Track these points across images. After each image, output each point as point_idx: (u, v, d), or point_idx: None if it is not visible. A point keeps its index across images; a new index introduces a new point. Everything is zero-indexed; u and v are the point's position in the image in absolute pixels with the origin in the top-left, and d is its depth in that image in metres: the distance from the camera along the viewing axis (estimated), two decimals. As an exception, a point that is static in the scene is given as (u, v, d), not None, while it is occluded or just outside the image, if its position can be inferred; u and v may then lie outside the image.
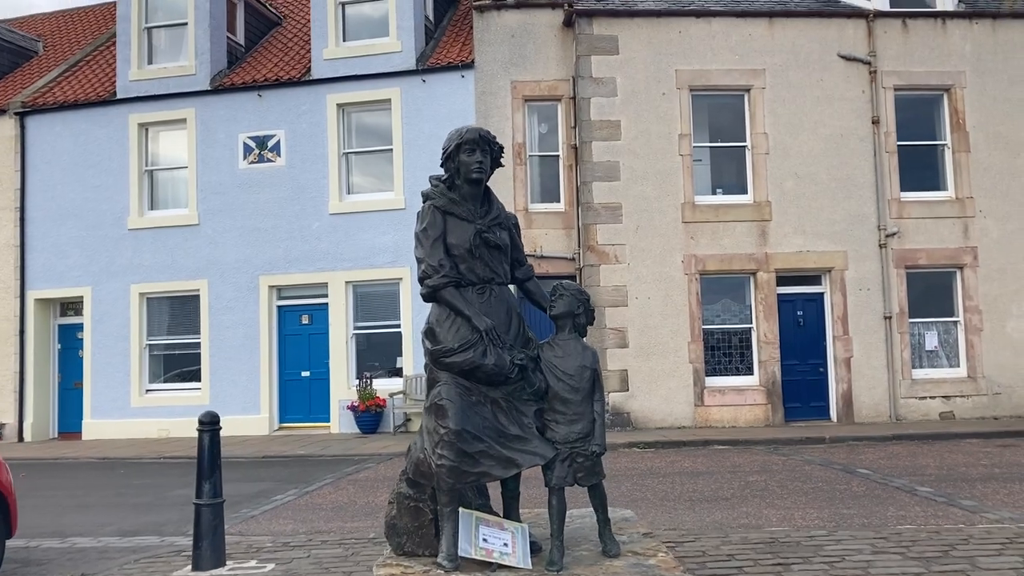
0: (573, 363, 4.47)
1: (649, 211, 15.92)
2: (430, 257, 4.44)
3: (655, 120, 16.11)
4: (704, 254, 16.00)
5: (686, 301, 15.89)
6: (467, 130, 4.57)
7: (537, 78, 16.58)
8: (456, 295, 4.42)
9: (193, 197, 17.88)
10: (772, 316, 16.08)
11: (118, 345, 17.92)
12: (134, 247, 18.03)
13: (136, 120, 18.20)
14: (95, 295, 18.13)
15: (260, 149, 17.64)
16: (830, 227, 16.23)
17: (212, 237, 17.72)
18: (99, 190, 18.24)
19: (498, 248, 4.57)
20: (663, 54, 16.24)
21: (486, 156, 4.57)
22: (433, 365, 4.44)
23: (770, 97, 16.34)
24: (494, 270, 4.56)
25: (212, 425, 6.30)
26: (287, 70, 18.06)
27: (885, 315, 16.16)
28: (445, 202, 4.54)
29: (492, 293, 4.52)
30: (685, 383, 15.76)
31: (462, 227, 4.50)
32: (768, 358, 15.95)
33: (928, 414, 16.06)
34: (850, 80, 16.48)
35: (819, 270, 16.33)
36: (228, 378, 17.45)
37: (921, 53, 16.64)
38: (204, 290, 17.69)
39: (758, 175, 16.27)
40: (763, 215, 16.15)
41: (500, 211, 4.71)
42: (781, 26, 16.46)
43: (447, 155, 4.60)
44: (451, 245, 4.48)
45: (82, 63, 20.42)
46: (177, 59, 18.38)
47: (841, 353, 16.12)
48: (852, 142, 16.39)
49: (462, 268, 4.48)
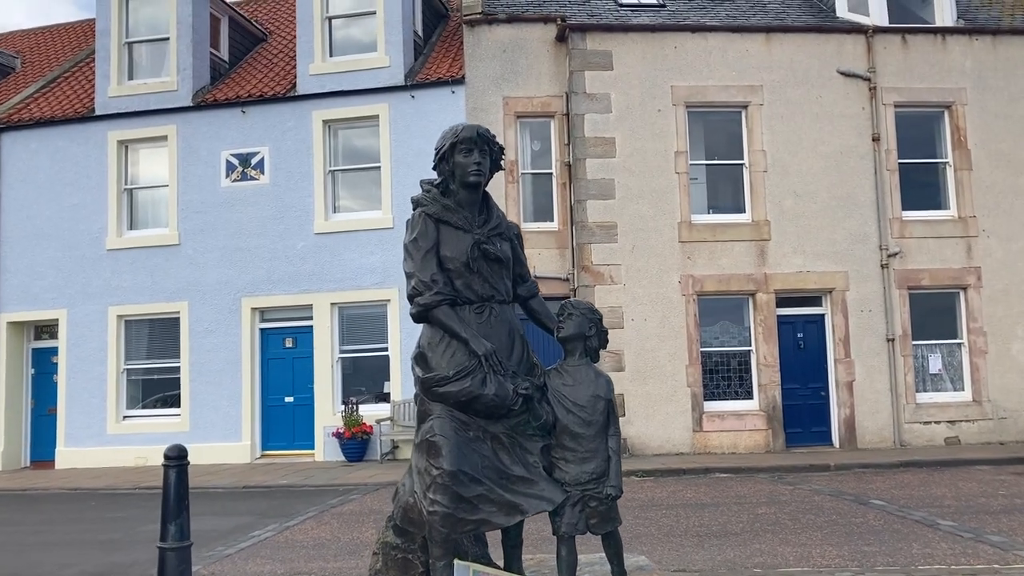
0: (585, 392, 3.93)
1: (645, 230, 15.44)
2: (421, 271, 3.89)
3: (651, 137, 15.67)
4: (702, 274, 15.52)
5: (684, 323, 15.38)
6: (463, 127, 4.04)
7: (529, 94, 16.13)
8: (451, 315, 3.87)
9: (174, 216, 17.30)
10: (772, 338, 15.58)
11: (94, 370, 17.25)
12: (112, 268, 17.40)
13: (115, 137, 17.64)
14: (71, 318, 17.48)
15: (243, 167, 17.10)
16: (830, 247, 15.79)
17: (193, 257, 17.13)
18: (76, 209, 17.64)
19: (499, 261, 4.02)
20: (658, 70, 15.83)
21: (485, 157, 4.04)
22: (424, 395, 3.89)
23: (768, 114, 15.94)
24: (494, 286, 4.01)
25: (179, 460, 5.68)
26: (272, 86, 17.57)
27: (888, 337, 15.69)
28: (438, 209, 4.00)
29: (492, 313, 3.98)
30: (683, 408, 15.22)
31: (458, 237, 3.96)
32: (768, 382, 15.44)
33: (933, 439, 15.56)
34: (850, 97, 16.10)
35: (819, 291, 15.86)
36: (209, 404, 16.80)
37: (921, 69, 16.29)
38: (184, 312, 17.07)
39: (756, 194, 15.83)
40: (762, 234, 15.70)
41: (501, 220, 4.17)
42: (779, 42, 16.09)
43: (440, 156, 4.07)
44: (445, 258, 3.94)
45: (60, 79, 19.88)
46: (158, 75, 17.86)
47: (843, 376, 15.63)
48: (852, 160, 15.99)
49: (458, 284, 3.94)
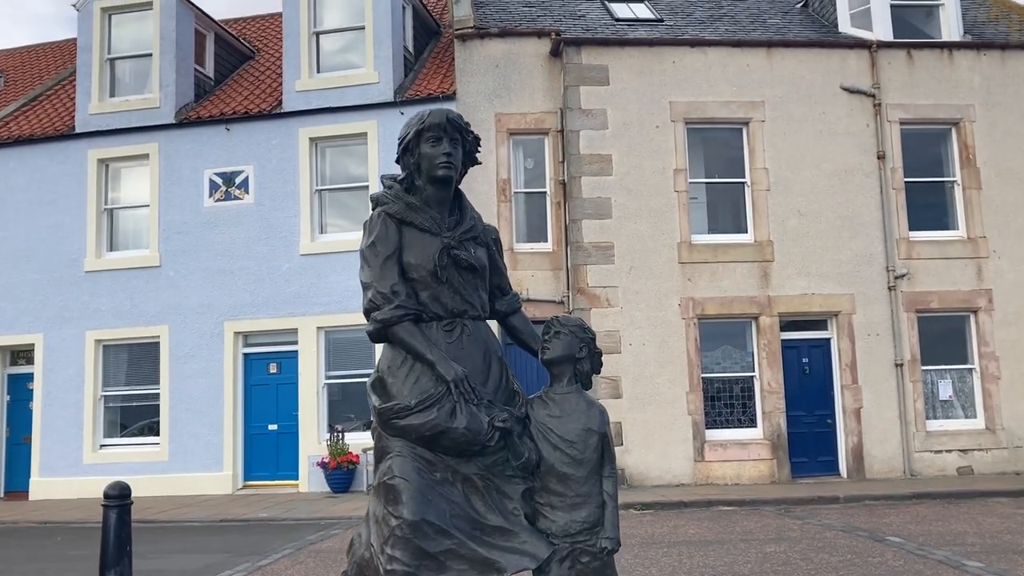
0: (574, 425, 3.29)
1: (643, 251, 14.85)
2: (380, 281, 3.27)
3: (648, 154, 15.12)
4: (702, 297, 14.90)
5: (684, 347, 14.75)
6: (430, 112, 3.44)
7: (523, 110, 15.59)
8: (415, 333, 3.25)
9: (155, 237, 16.69)
10: (776, 363, 14.95)
11: (70, 396, 16.56)
12: (91, 291, 16.77)
13: (96, 155, 17.07)
14: (47, 342, 16.81)
15: (227, 186, 16.52)
16: (836, 268, 15.20)
17: (174, 280, 16.50)
18: (54, 230, 17.03)
19: (472, 270, 3.41)
20: (656, 85, 15.31)
21: (456, 147, 3.44)
22: (382, 429, 3.25)
23: (770, 131, 15.41)
24: (467, 299, 3.39)
25: (121, 500, 5.08)
26: (257, 103, 17.03)
27: (896, 362, 15.06)
28: (401, 208, 3.39)
29: (464, 330, 3.35)
30: (684, 436, 14.55)
31: (424, 241, 3.34)
32: (772, 409, 14.79)
33: (945, 469, 14.89)
34: (854, 113, 15.58)
35: (825, 314, 15.26)
36: (189, 432, 16.10)
37: (927, 85, 15.79)
38: (164, 337, 16.40)
39: (758, 213, 15.26)
40: (764, 255, 15.11)
41: (475, 221, 3.56)
42: (780, 57, 15.59)
43: (404, 146, 3.47)
44: (409, 266, 3.32)
45: (42, 97, 19.36)
46: (141, 92, 17.32)
47: (850, 403, 14.98)
48: (857, 178, 15.44)
49: (423, 296, 3.32)
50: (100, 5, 17.43)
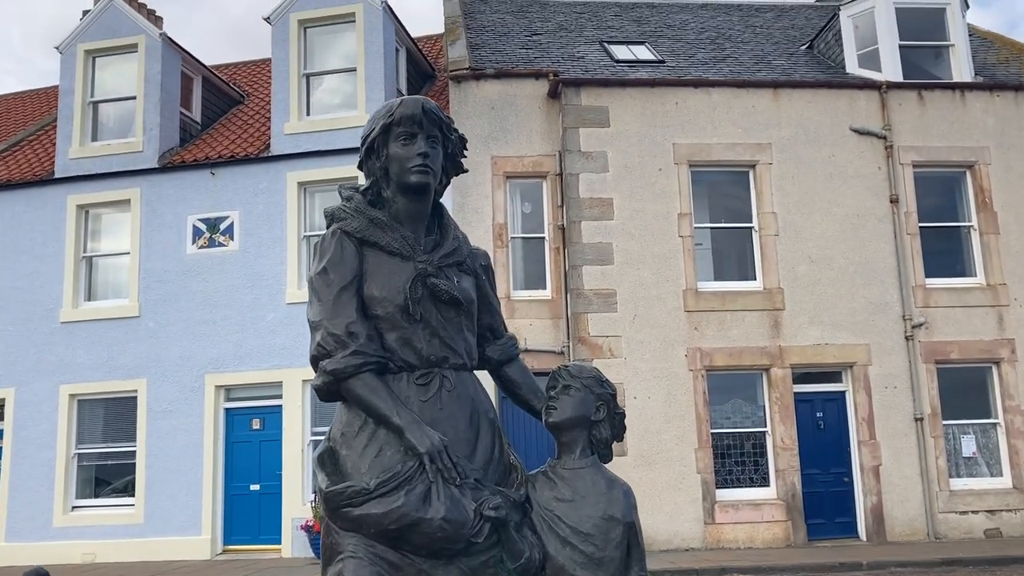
0: (591, 512, 2.47)
1: (647, 298, 14.08)
2: (332, 320, 2.50)
3: (651, 198, 14.45)
4: (710, 347, 14.10)
5: (692, 401, 13.91)
6: (401, 102, 2.69)
7: (520, 153, 14.95)
8: (378, 388, 2.44)
9: (135, 286, 15.90)
10: (789, 418, 14.10)
11: (41, 455, 15.61)
12: (66, 342, 15.92)
13: (75, 201, 16.36)
14: (19, 397, 15.91)
15: (211, 232, 15.80)
16: (850, 317, 14.43)
17: (154, 331, 15.68)
18: (30, 279, 16.24)
19: (455, 305, 2.61)
20: (659, 127, 14.70)
21: (435, 147, 2.69)
22: (331, 521, 2.42)
23: (777, 173, 14.76)
24: (448, 344, 2.59)
25: (38, 589, 4.22)
26: (244, 147, 16.40)
27: (915, 416, 14.22)
28: (362, 225, 2.62)
29: (445, 385, 2.55)
30: (693, 497, 13.63)
31: (392, 267, 2.57)
32: (786, 467, 13.90)
33: (971, 531, 13.95)
34: (864, 156, 14.96)
35: (839, 365, 14.45)
36: (166, 492, 15.13)
37: (940, 127, 15.20)
38: (142, 391, 15.53)
39: (767, 259, 14.54)
40: (775, 303, 14.35)
41: (460, 243, 2.78)
42: (787, 97, 15.02)
43: (368, 147, 2.73)
44: (372, 299, 2.54)
45: (23, 143, 18.73)
46: (124, 136, 16.69)
47: (868, 460, 14.10)
48: (870, 223, 14.76)
49: (390, 340, 2.53)
50: (84, 47, 16.89)
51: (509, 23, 18.18)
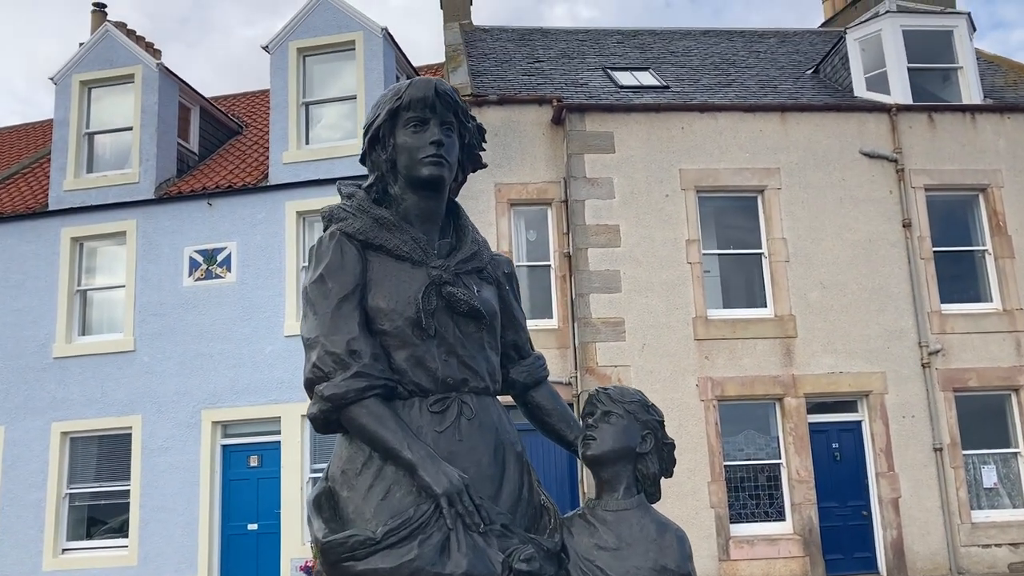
0: (639, 562, 2.08)
1: (656, 327, 13.69)
2: (330, 336, 2.10)
3: (659, 224, 14.11)
4: (721, 377, 13.69)
5: (703, 432, 13.47)
6: (411, 84, 2.31)
7: (524, 180, 14.64)
8: (385, 417, 2.04)
9: (130, 320, 15.52)
10: (804, 449, 13.65)
11: (31, 495, 15.11)
12: (59, 379, 15.50)
13: (69, 234, 16.02)
14: (8, 436, 15.45)
15: (208, 264, 15.45)
16: (864, 344, 14.03)
17: (149, 365, 15.27)
18: (22, 314, 15.85)
19: (476, 318, 2.23)
20: (665, 152, 14.41)
21: (451, 136, 2.32)
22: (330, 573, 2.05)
23: (787, 198, 14.44)
24: (468, 364, 2.19)
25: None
26: (242, 177, 16.10)
27: (935, 446, 13.77)
28: (366, 225, 2.24)
29: (464, 413, 2.14)
30: (707, 533, 13.14)
31: (402, 275, 2.18)
32: (802, 500, 13.43)
33: (995, 565, 13.44)
34: (875, 179, 14.66)
35: (855, 394, 14.03)
36: (161, 533, 14.63)
37: (951, 150, 14.91)
38: (137, 427, 15.08)
39: (778, 285, 14.17)
40: (787, 331, 13.96)
41: (480, 248, 2.39)
42: (795, 121, 14.75)
43: (373, 135, 2.36)
44: (378, 312, 2.14)
45: (17, 176, 18.45)
46: (120, 167, 16.40)
47: (887, 493, 13.62)
48: (882, 248, 14.41)
49: (399, 359, 2.12)
50: (79, 78, 16.66)
51: (511, 51, 17.98)
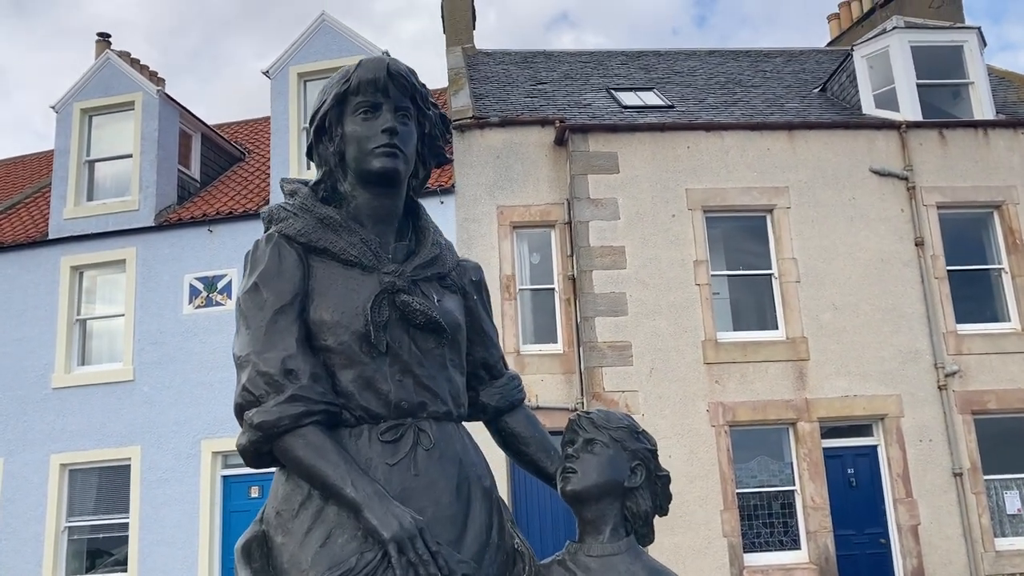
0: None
1: (664, 350, 13.36)
2: (263, 354, 1.77)
3: (665, 245, 13.82)
4: (733, 401, 13.33)
5: (715, 459, 13.08)
6: (360, 64, 2.01)
7: (527, 202, 14.39)
8: (325, 447, 1.71)
9: (129, 349, 15.28)
10: (819, 475, 13.24)
11: (30, 529, 14.81)
12: (58, 409, 15.24)
13: (69, 263, 15.83)
14: (7, 468, 15.17)
15: (208, 291, 15.22)
16: (879, 366, 13.66)
17: (148, 395, 15.00)
18: (21, 344, 15.63)
19: (436, 331, 1.91)
20: (670, 172, 14.15)
21: (407, 123, 2.02)
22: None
23: (796, 218, 14.14)
24: (426, 384, 1.87)
25: None
26: (243, 203, 15.92)
27: (954, 471, 13.34)
28: (308, 226, 1.91)
29: (421, 442, 1.82)
30: (720, 563, 12.72)
31: (349, 282, 1.87)
32: (818, 527, 13.00)
33: (1020, 595, 12.97)
34: (886, 198, 14.35)
35: (870, 418, 13.64)
36: (160, 567, 14.28)
37: (963, 166, 14.60)
38: (136, 459, 14.79)
39: (789, 307, 13.83)
40: (799, 353, 13.60)
41: (442, 251, 2.06)
42: (803, 139, 14.48)
43: (319, 125, 2.07)
44: (321, 325, 1.83)
45: (19, 206, 18.31)
46: (120, 195, 16.24)
47: (905, 520, 13.18)
48: (895, 267, 14.07)
49: (345, 380, 1.79)
50: (80, 106, 16.56)
51: (513, 74, 17.82)
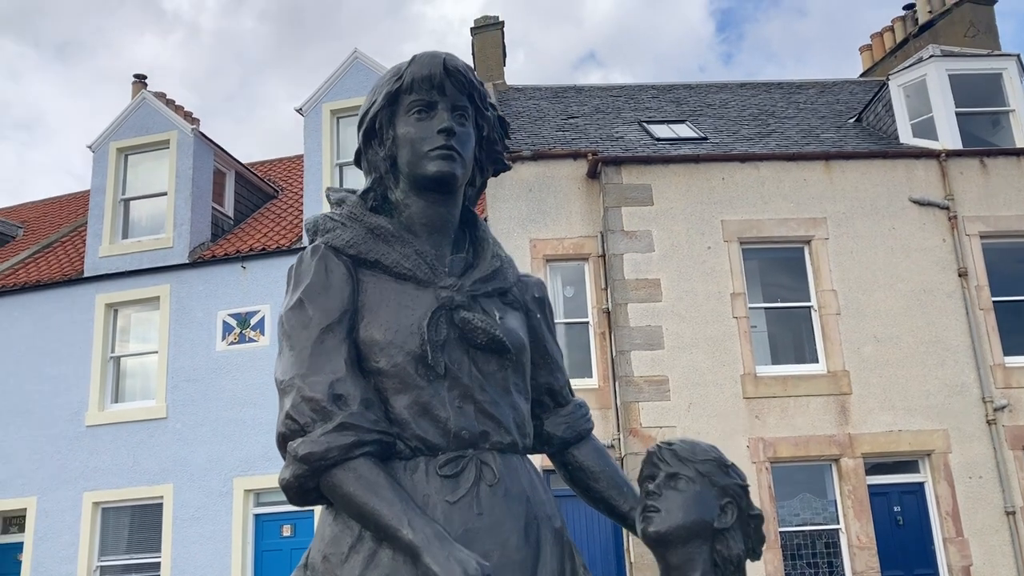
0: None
1: (703, 384, 13.08)
2: (308, 378, 1.58)
3: (701, 278, 13.60)
4: (773, 437, 13.00)
5: (756, 496, 12.58)
6: (413, 60, 1.85)
7: (559, 235, 14.26)
8: (378, 482, 1.51)
9: (162, 386, 15.26)
10: (864, 513, 12.83)
11: (62, 568, 14.73)
12: (91, 447, 15.22)
13: (104, 300, 15.91)
14: (40, 507, 15.15)
15: (241, 328, 15.19)
16: (924, 400, 13.28)
17: (181, 432, 14.94)
18: (56, 382, 15.67)
19: (500, 353, 1.74)
20: (705, 203, 13.97)
21: (465, 124, 1.86)
22: None
23: (835, 249, 13.88)
24: (489, 412, 1.70)
25: None
26: (276, 239, 15.93)
27: (1007, 510, 12.87)
28: (358, 237, 1.74)
29: (484, 477, 1.63)
30: (763, 605, 12.32)
31: (403, 298, 1.71)
32: (864, 568, 12.56)
33: (1080, 639, 12.41)
34: (927, 228, 14.05)
35: (916, 454, 13.24)
36: (191, 607, 14.13)
37: (1007, 195, 14.29)
38: (168, 497, 14.70)
39: (830, 340, 13.52)
40: (841, 387, 13.26)
41: (502, 264, 1.91)
42: (840, 169, 14.26)
43: (368, 128, 1.90)
44: (373, 345, 1.67)
45: (56, 244, 18.51)
46: (155, 232, 16.34)
47: (956, 560, 12.71)
48: (938, 299, 13.73)
49: (400, 407, 1.63)
50: (116, 145, 16.76)
51: (545, 108, 17.80)
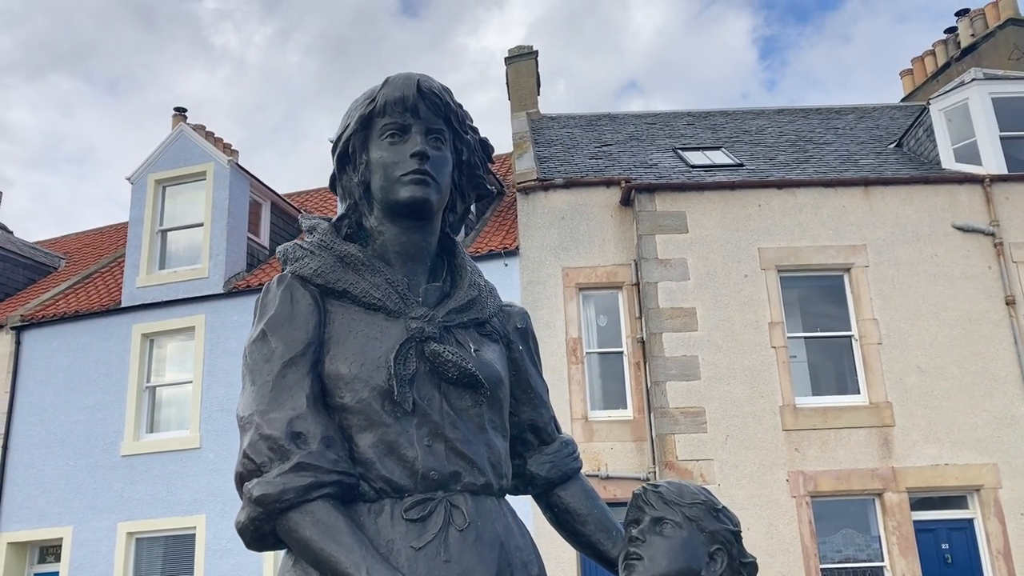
0: None
1: (740, 416, 12.77)
2: (268, 414, 1.49)
3: (738, 307, 13.34)
4: (814, 470, 12.62)
5: (796, 532, 12.34)
6: (386, 82, 1.76)
7: (592, 264, 14.10)
8: (337, 527, 1.38)
9: (196, 416, 15.30)
10: (910, 550, 12.37)
11: (96, 599, 14.75)
12: (126, 477, 15.27)
13: (140, 330, 16.04)
14: (76, 536, 15.20)
15: (274, 357, 15.18)
16: (971, 433, 12.83)
17: (214, 463, 14.92)
18: (92, 411, 15.79)
19: (473, 388, 1.60)
20: (741, 231, 13.73)
21: (440, 148, 1.74)
22: None
23: (875, 277, 13.54)
24: (461, 451, 1.57)
25: None
26: (310, 269, 15.95)
27: (1061, 548, 12.34)
28: (325, 265, 1.62)
29: (454, 520, 1.48)
30: (805, 645, 11.90)
31: (371, 330, 1.59)
32: (911, 608, 12.10)
33: None
34: (971, 255, 13.67)
35: (964, 489, 12.77)
36: (223, 641, 14.03)
37: (1054, 220, 13.87)
38: (201, 527, 14.66)
39: (871, 370, 13.15)
40: (883, 419, 12.87)
41: (481, 293, 1.78)
42: (879, 195, 13.95)
43: (342, 151, 1.82)
44: (338, 380, 1.56)
45: (95, 275, 18.76)
46: (191, 263, 16.48)
47: (1009, 600, 12.20)
48: (984, 327, 13.31)
49: (364, 445, 1.52)
50: (154, 177, 16.97)
51: (578, 137, 17.73)
